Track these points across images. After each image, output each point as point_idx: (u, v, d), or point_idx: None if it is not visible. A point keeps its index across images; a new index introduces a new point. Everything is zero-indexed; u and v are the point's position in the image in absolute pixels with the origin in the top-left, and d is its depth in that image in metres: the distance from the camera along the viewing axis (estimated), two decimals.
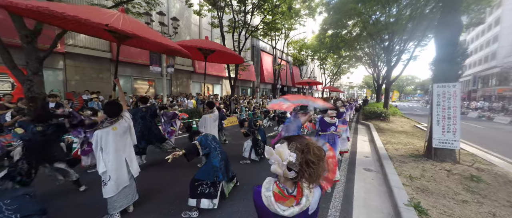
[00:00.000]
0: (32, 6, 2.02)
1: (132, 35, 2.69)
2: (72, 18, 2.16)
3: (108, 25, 2.27)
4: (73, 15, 2.10)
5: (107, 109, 2.44)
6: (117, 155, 2.33)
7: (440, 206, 2.42)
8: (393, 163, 3.97)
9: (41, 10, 2.06)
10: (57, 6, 2.21)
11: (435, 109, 4.09)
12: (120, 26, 2.35)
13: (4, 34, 5.36)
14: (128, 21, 2.59)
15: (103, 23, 2.23)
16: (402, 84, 61.87)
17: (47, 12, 2.12)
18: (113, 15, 2.54)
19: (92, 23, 2.18)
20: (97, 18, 2.24)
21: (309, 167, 0.80)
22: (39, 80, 5.52)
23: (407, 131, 8.12)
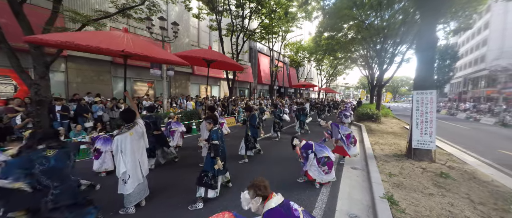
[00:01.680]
0: (58, 41, 2.40)
1: (143, 56, 3.03)
2: (95, 49, 2.51)
3: (124, 51, 2.63)
4: (95, 46, 2.45)
5: (123, 116, 2.78)
6: (133, 157, 2.68)
7: (410, 198, 2.84)
8: (377, 162, 4.40)
9: (67, 45, 2.42)
10: (81, 39, 2.54)
11: (415, 113, 4.54)
12: (133, 50, 2.70)
13: (12, 39, 5.58)
14: (136, 42, 2.92)
15: (119, 50, 2.60)
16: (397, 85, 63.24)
17: (74, 46, 2.47)
18: (122, 38, 2.86)
19: (112, 51, 2.55)
20: (115, 46, 2.60)
21: (258, 189, 1.44)
22: (45, 84, 5.77)
23: (396, 132, 8.62)
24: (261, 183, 1.47)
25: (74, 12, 6.09)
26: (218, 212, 1.58)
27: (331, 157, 3.33)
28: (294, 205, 1.50)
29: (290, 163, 4.52)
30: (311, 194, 3.19)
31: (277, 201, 1.42)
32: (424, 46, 4.53)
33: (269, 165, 4.52)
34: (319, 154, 3.31)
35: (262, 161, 4.78)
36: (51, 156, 1.64)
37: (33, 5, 7.16)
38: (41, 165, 1.58)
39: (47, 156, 1.62)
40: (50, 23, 5.68)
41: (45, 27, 5.61)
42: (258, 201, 1.41)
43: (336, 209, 2.79)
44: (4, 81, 7.38)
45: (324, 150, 3.34)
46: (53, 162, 1.62)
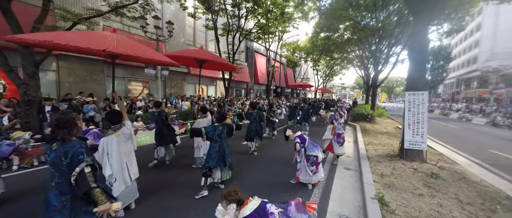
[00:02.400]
0: (38, 40, 2.33)
1: (128, 56, 2.97)
2: (74, 48, 2.44)
3: (105, 50, 2.56)
4: (74, 45, 2.39)
5: (109, 117, 2.72)
6: (119, 159, 2.62)
7: (400, 199, 2.87)
8: (370, 162, 4.44)
9: (46, 44, 2.35)
10: (60, 38, 2.47)
11: (407, 114, 4.59)
12: (115, 49, 2.63)
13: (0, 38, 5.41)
14: (122, 41, 2.85)
15: (100, 49, 2.53)
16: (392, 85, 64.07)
17: (52, 45, 2.40)
18: (107, 38, 2.80)
19: (92, 50, 2.48)
20: (96, 45, 2.53)
21: (229, 195, 1.55)
22: (35, 84, 5.65)
23: (390, 132, 8.72)
24: (231, 190, 1.55)
25: (65, 10, 5.96)
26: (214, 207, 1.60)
27: (319, 157, 3.33)
28: (271, 207, 1.52)
29: (284, 163, 4.51)
30: (303, 195, 3.19)
31: (252, 207, 1.46)
32: (417, 47, 4.59)
33: (262, 165, 4.51)
34: (309, 151, 3.31)
35: (255, 161, 4.76)
36: (54, 149, 1.61)
37: (22, 2, 6.97)
38: (48, 156, 1.62)
39: (52, 149, 1.62)
40: (40, 21, 5.55)
41: (34, 26, 5.47)
42: (233, 208, 1.48)
43: (327, 210, 2.79)
44: None
45: (315, 148, 3.35)
46: (53, 155, 1.59)
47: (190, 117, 8.91)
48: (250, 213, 1.41)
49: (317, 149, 3.40)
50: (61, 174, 1.58)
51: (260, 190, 3.34)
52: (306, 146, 3.33)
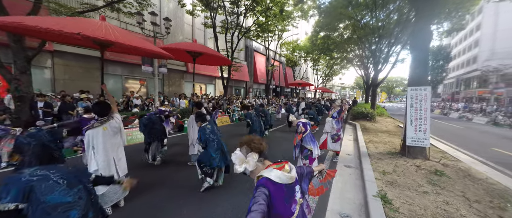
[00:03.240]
0: (10, 22, 2.14)
1: (107, 42, 2.76)
2: (44, 30, 2.21)
3: (80, 34, 2.33)
4: (45, 27, 2.17)
5: (95, 108, 2.57)
6: (105, 154, 2.46)
7: (404, 197, 2.72)
8: (371, 159, 4.29)
9: (15, 26, 2.15)
10: (30, 20, 2.27)
11: (409, 110, 4.45)
12: (93, 34, 2.40)
13: None
14: (108, 29, 2.64)
15: (74, 32, 2.30)
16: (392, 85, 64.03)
17: (22, 27, 2.21)
18: (91, 23, 2.62)
19: (66, 33, 2.26)
20: (70, 28, 2.29)
21: (251, 142, 1.16)
22: (27, 80, 5.48)
23: (390, 130, 8.58)
24: (253, 137, 1.20)
25: (58, 3, 5.80)
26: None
27: (314, 152, 3.22)
28: (298, 193, 1.14)
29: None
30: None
31: (286, 180, 1.06)
32: (419, 45, 4.46)
33: None
34: (305, 143, 3.23)
35: None
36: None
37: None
38: None
39: None
40: (33, 14, 5.39)
41: None
42: (255, 157, 1.12)
43: (327, 209, 2.65)
44: None
45: (311, 143, 3.24)
46: None
47: (187, 115, 8.75)
48: (278, 183, 1.05)
49: (314, 144, 3.27)
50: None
51: None
52: (304, 136, 3.22)
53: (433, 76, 31.96)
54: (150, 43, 3.36)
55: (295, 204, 1.08)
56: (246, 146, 1.16)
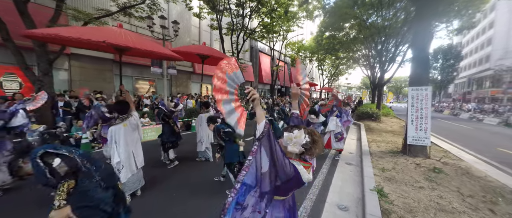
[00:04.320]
0: (45, 33, 2.58)
1: (127, 48, 3.12)
2: (76, 40, 2.60)
3: (105, 42, 2.70)
4: (76, 37, 2.55)
5: (117, 107, 2.88)
6: (126, 148, 2.77)
7: (399, 191, 2.87)
8: (372, 158, 4.43)
9: (52, 37, 2.54)
10: (64, 31, 2.65)
11: (410, 109, 4.55)
12: (116, 41, 2.77)
13: (17, 37, 5.73)
14: (126, 35, 3.00)
15: (100, 40, 2.67)
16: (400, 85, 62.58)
17: (58, 37, 2.58)
18: (112, 31, 2.96)
19: (92, 42, 2.64)
20: (96, 37, 2.67)
21: (315, 144, 1.19)
22: (49, 81, 5.95)
23: (395, 130, 8.59)
24: (320, 142, 1.21)
25: (77, 10, 6.25)
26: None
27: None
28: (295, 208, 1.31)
29: None
30: (304, 186, 3.24)
31: (305, 174, 1.16)
32: (419, 44, 4.55)
33: None
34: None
35: None
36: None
37: (37, 4, 7.35)
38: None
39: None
40: (53, 21, 5.84)
41: (48, 25, 5.77)
42: (300, 151, 1.17)
43: (326, 201, 2.84)
44: (10, 79, 7.60)
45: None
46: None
47: (195, 115, 9.08)
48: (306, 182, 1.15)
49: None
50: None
51: None
52: None
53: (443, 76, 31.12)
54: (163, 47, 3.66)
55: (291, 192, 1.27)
56: (311, 139, 1.17)
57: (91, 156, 1.38)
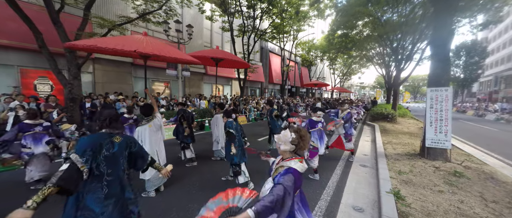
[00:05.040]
0: (85, 45, 2.95)
1: (152, 55, 3.41)
2: (111, 50, 2.94)
3: (136, 51, 3.00)
4: (112, 48, 2.88)
5: (143, 110, 3.12)
6: (151, 147, 3.00)
7: (417, 194, 2.83)
8: (387, 160, 4.35)
9: (92, 48, 2.87)
10: (101, 42, 3.01)
11: (429, 111, 4.40)
12: (144, 50, 3.07)
13: (50, 44, 6.31)
14: (152, 43, 3.30)
15: (132, 50, 2.99)
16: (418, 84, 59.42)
17: (96, 48, 2.91)
18: (137, 40, 3.25)
19: (125, 52, 2.94)
20: (128, 47, 3.03)
21: (302, 139, 1.34)
22: (78, 84, 6.49)
23: (412, 132, 8.27)
24: (306, 138, 1.37)
25: (102, 18, 6.73)
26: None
27: (320, 150, 3.63)
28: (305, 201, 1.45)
29: None
30: (317, 187, 3.30)
31: (303, 168, 1.32)
32: (439, 42, 4.38)
33: None
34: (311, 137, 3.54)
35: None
36: (117, 142, 1.57)
37: (66, 13, 8.00)
38: (107, 150, 1.50)
39: (114, 142, 1.56)
40: (82, 28, 6.36)
41: (77, 33, 6.29)
42: (292, 149, 1.34)
43: (341, 202, 2.87)
44: (43, 82, 8.34)
45: (318, 140, 3.61)
46: (115, 149, 1.55)
47: (208, 115, 9.37)
48: (301, 172, 1.31)
49: (321, 142, 3.65)
50: (113, 170, 1.51)
51: None
52: (311, 132, 3.60)
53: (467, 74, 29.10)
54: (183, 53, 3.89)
55: (301, 183, 1.37)
56: (297, 135, 1.33)
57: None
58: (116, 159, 1.54)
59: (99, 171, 1.45)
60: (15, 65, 7.58)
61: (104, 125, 1.59)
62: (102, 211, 1.42)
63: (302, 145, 1.34)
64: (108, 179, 1.48)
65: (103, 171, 1.46)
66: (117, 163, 1.55)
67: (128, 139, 1.68)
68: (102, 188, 1.45)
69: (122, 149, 1.60)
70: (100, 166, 1.45)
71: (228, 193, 1.28)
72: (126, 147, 1.63)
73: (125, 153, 1.63)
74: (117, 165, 1.55)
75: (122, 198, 1.56)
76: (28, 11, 5.78)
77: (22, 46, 7.29)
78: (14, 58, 7.48)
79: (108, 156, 1.50)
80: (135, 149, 1.68)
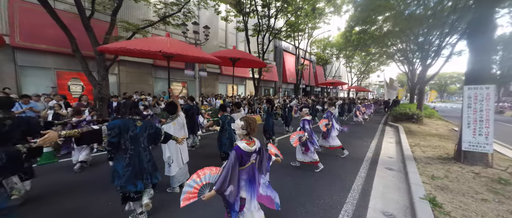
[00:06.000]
0: (117, 47, 3.16)
1: (176, 54, 3.53)
2: (138, 52, 3.11)
3: (161, 51, 3.13)
4: (139, 49, 3.05)
5: (168, 108, 3.23)
6: (175, 144, 3.09)
7: (457, 202, 2.58)
8: (417, 163, 4.04)
9: (122, 50, 3.04)
10: (129, 45, 3.22)
11: (466, 111, 4.00)
12: (169, 50, 3.20)
13: (81, 48, 6.80)
14: (175, 44, 3.45)
15: (157, 50, 3.14)
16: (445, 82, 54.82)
17: (126, 50, 3.08)
18: (162, 41, 3.41)
19: (151, 52, 3.10)
20: (154, 48, 3.21)
21: (249, 125, 1.78)
22: (106, 84, 6.93)
23: (442, 134, 7.63)
24: (253, 124, 1.81)
25: (127, 22, 7.14)
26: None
27: (314, 145, 3.89)
28: (253, 157, 1.81)
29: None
30: (341, 190, 3.16)
31: (247, 148, 1.73)
32: (479, 35, 3.95)
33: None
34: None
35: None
36: (138, 126, 2.18)
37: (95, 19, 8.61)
38: (132, 132, 2.11)
39: (136, 125, 2.17)
40: (109, 32, 6.79)
41: (105, 36, 6.73)
42: (243, 133, 1.79)
43: (368, 206, 2.72)
44: (75, 83, 9.08)
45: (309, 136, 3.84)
46: (138, 131, 2.15)
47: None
48: (242, 150, 1.72)
49: (314, 140, 3.92)
50: (135, 146, 2.14)
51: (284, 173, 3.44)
52: (305, 128, 3.85)
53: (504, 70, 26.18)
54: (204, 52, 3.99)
55: (248, 161, 1.79)
56: (245, 124, 1.78)
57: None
58: (137, 138, 2.16)
59: (125, 146, 2.08)
60: (52, 68, 8.34)
61: (127, 112, 2.19)
62: (123, 173, 2.06)
63: (250, 129, 1.78)
64: (130, 153, 2.11)
65: (128, 147, 2.09)
66: (138, 141, 2.16)
67: (146, 123, 2.29)
68: (125, 159, 2.09)
69: (142, 131, 2.20)
70: (126, 142, 2.08)
71: (199, 174, 1.67)
72: (145, 129, 2.24)
73: (145, 134, 2.23)
74: (138, 143, 2.16)
75: (140, 168, 2.16)
76: (64, 19, 6.29)
77: (58, 50, 8.00)
78: (51, 62, 8.24)
79: (132, 136, 2.11)
80: (152, 130, 2.32)
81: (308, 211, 2.59)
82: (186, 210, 2.62)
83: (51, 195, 2.94)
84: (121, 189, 2.08)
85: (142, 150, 2.20)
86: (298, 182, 3.41)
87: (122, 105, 2.35)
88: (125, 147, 2.08)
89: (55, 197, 2.87)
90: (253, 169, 1.85)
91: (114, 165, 2.14)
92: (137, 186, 2.13)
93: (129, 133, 2.10)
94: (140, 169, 2.16)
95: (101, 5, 7.18)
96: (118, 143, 2.04)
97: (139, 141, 2.17)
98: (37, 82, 8.06)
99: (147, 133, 2.27)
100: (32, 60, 7.85)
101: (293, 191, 3.12)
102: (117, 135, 2.02)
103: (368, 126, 10.38)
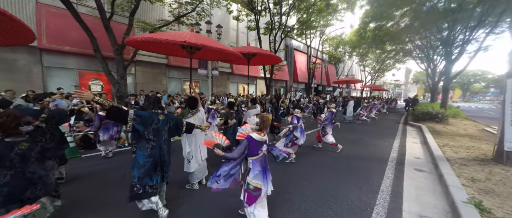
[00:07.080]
0: (144, 38, 3.13)
1: (200, 46, 3.49)
2: (164, 41, 3.09)
3: (186, 41, 3.10)
4: (165, 39, 3.01)
5: (189, 102, 3.19)
6: (195, 139, 3.04)
7: (507, 208, 2.28)
8: (451, 165, 3.70)
9: (148, 40, 3.02)
10: (156, 36, 3.20)
11: (509, 107, 3.60)
12: (193, 40, 3.15)
13: (102, 49, 7.05)
14: (198, 37, 3.41)
15: (182, 40, 3.10)
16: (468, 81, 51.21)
17: (152, 40, 3.06)
18: (186, 34, 3.38)
19: (176, 41, 3.11)
20: (179, 38, 3.16)
21: (262, 122, 1.99)
22: (124, 83, 7.13)
23: (472, 134, 7.04)
24: (267, 121, 2.01)
25: (144, 22, 7.31)
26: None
27: (300, 141, 4.00)
28: (264, 147, 2.01)
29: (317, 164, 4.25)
30: (369, 191, 2.95)
31: (259, 137, 1.96)
32: None
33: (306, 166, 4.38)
34: (295, 131, 3.95)
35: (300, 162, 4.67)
36: (161, 119, 2.25)
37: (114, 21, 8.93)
38: (155, 125, 2.19)
39: (159, 119, 2.24)
40: (128, 32, 6.98)
41: (124, 36, 6.93)
42: (256, 128, 1.99)
43: (402, 209, 2.49)
44: (95, 83, 9.47)
45: (300, 133, 3.99)
46: (160, 124, 2.23)
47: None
48: (255, 139, 1.95)
49: (302, 134, 4.04)
50: (157, 138, 2.20)
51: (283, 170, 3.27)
52: (293, 125, 4.02)
53: None
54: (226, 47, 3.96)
55: (260, 151, 1.98)
56: (260, 121, 1.98)
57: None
58: (160, 131, 2.23)
59: (148, 137, 2.14)
60: (75, 68, 8.75)
61: (151, 106, 2.31)
62: (144, 164, 2.12)
63: (262, 126, 2.00)
64: (152, 144, 2.17)
65: (150, 138, 2.16)
66: (160, 134, 2.23)
67: (168, 116, 2.38)
68: (147, 149, 2.15)
69: (164, 125, 2.28)
70: (149, 134, 2.14)
71: (219, 135, 2.14)
72: (167, 122, 2.32)
73: (166, 127, 2.31)
74: (159, 135, 2.22)
75: (160, 159, 2.22)
76: (86, 21, 6.56)
77: (80, 51, 8.38)
78: (73, 62, 8.65)
79: (155, 128, 2.18)
80: (172, 123, 2.40)
81: (335, 212, 2.42)
82: (204, 207, 2.55)
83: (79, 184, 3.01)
84: (138, 181, 2.11)
85: (163, 142, 2.27)
86: (315, 181, 3.24)
87: (146, 99, 2.47)
88: (148, 138, 2.15)
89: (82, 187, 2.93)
90: (264, 159, 2.03)
91: (136, 154, 2.21)
92: (153, 180, 2.18)
93: (152, 126, 2.17)
94: (160, 161, 2.23)
95: (119, 6, 7.42)
96: (142, 132, 2.11)
97: (161, 133, 2.25)
98: (61, 82, 8.49)
99: (168, 126, 2.34)
100: (57, 61, 8.28)
101: (315, 190, 2.97)
102: (142, 124, 2.08)
103: (388, 125, 9.87)
